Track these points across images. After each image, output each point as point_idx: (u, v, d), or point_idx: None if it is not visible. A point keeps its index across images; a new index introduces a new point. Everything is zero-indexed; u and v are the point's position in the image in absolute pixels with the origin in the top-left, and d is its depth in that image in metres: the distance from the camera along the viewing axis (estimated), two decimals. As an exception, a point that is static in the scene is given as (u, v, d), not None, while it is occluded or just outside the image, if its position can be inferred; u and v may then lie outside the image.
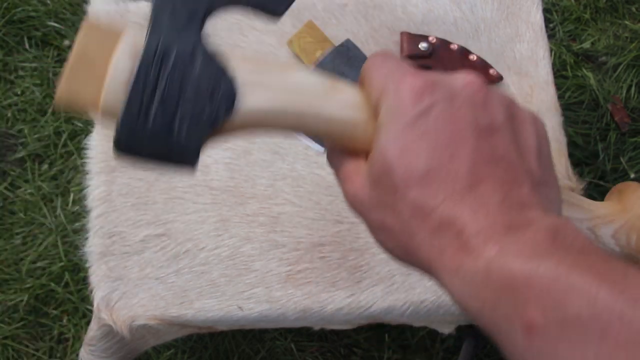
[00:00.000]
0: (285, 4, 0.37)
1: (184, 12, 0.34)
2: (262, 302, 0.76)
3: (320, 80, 0.36)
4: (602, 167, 1.20)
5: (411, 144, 0.32)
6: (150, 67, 0.32)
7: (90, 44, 0.33)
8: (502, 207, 0.30)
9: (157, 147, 0.33)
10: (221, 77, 0.34)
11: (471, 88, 0.34)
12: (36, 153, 1.29)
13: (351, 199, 0.36)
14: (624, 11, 1.33)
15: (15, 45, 1.37)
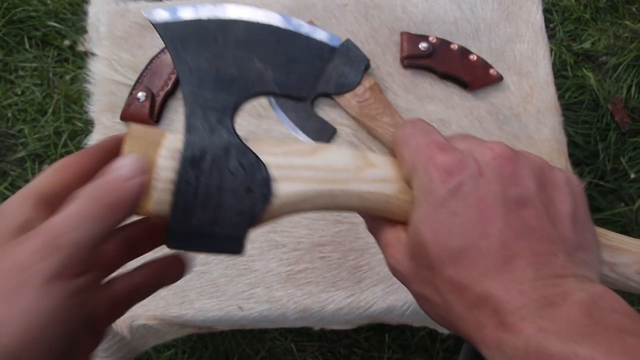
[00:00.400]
0: (307, 89, 0.38)
1: (214, 113, 0.36)
2: (262, 302, 0.76)
3: (352, 156, 0.37)
4: (602, 167, 1.20)
5: (443, 224, 0.32)
6: (189, 169, 0.35)
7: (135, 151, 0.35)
8: (536, 282, 0.30)
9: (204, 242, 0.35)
10: (256, 169, 0.35)
11: (499, 161, 0.34)
12: (36, 153, 1.29)
13: (393, 269, 0.37)
14: (624, 11, 1.33)
15: (16, 45, 1.37)
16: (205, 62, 0.36)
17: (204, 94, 0.36)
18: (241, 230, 0.35)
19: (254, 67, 0.37)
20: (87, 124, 1.27)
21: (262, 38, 0.37)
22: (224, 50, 0.36)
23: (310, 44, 0.38)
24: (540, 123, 0.80)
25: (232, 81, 0.36)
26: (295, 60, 0.37)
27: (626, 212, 1.17)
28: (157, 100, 0.82)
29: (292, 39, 0.38)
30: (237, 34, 0.37)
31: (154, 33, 0.86)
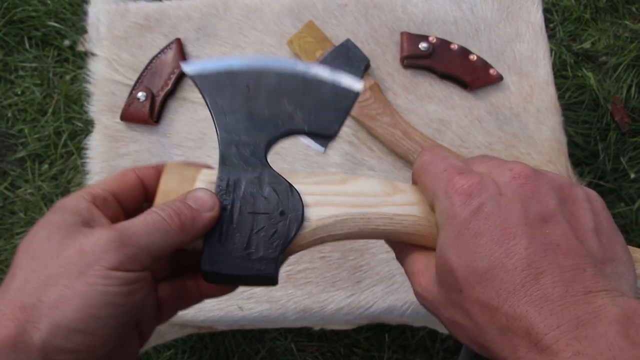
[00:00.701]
0: (334, 128, 0.40)
1: (248, 148, 0.39)
2: (262, 302, 0.76)
3: (380, 184, 0.39)
4: (602, 167, 1.20)
5: (467, 246, 0.33)
6: (224, 195, 0.38)
7: (171, 185, 0.38)
8: (566, 300, 0.30)
9: (238, 266, 0.37)
10: (289, 194, 0.38)
11: (518, 181, 0.34)
12: (36, 153, 1.29)
13: (421, 298, 0.37)
14: (624, 11, 1.33)
15: (16, 45, 1.37)
16: (238, 107, 0.39)
17: (238, 133, 0.39)
18: (275, 252, 0.37)
19: (284, 109, 0.40)
20: (87, 123, 1.27)
21: (290, 85, 0.40)
22: (256, 95, 0.40)
23: (335, 89, 0.40)
24: (540, 123, 0.80)
25: (264, 122, 0.39)
26: (323, 103, 0.40)
27: (626, 212, 1.17)
28: (157, 100, 0.82)
29: (319, 85, 0.40)
30: (267, 81, 0.40)
31: (153, 33, 0.86)
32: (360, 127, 0.81)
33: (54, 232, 0.33)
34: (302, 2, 0.86)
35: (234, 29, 0.85)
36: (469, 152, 0.79)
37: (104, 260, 0.32)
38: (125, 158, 0.82)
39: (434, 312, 0.36)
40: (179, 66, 0.83)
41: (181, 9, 0.86)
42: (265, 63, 0.40)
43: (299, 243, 0.38)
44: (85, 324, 0.31)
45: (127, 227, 0.34)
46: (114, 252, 0.32)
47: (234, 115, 0.39)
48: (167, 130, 0.82)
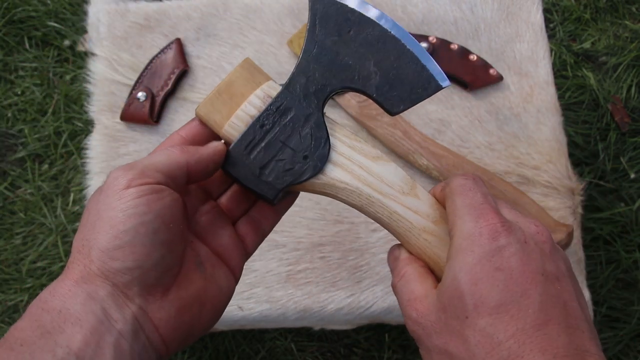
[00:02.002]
0: (399, 108, 0.41)
1: (315, 85, 0.41)
2: (262, 302, 0.76)
3: (403, 179, 0.40)
4: (602, 167, 1.20)
5: (486, 276, 0.35)
6: (270, 116, 0.41)
7: (237, 79, 0.42)
8: (568, 350, 0.32)
9: (248, 178, 0.40)
10: (322, 144, 0.40)
11: (541, 237, 0.37)
12: (36, 153, 1.29)
13: (414, 322, 0.38)
14: (624, 11, 1.33)
15: (16, 45, 1.37)
16: (330, 43, 0.41)
17: (316, 67, 0.41)
18: (282, 184, 0.40)
19: (367, 67, 0.41)
20: (87, 123, 1.27)
21: (386, 48, 0.41)
22: (351, 41, 0.41)
23: (422, 73, 0.41)
24: (540, 123, 0.80)
25: (342, 69, 0.41)
26: (402, 80, 0.41)
27: (626, 212, 1.17)
28: (157, 100, 0.82)
29: (410, 61, 0.41)
30: (368, 34, 0.41)
31: (153, 33, 0.86)
32: (361, 127, 0.81)
33: None
34: (302, 2, 0.86)
35: (234, 29, 0.86)
36: (469, 152, 0.79)
37: (117, 186, 0.37)
38: (125, 158, 0.82)
39: (424, 339, 0.37)
40: (179, 66, 0.83)
41: (181, 9, 0.87)
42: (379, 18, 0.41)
43: (305, 187, 0.41)
44: (119, 240, 0.36)
45: (140, 159, 0.39)
46: (122, 176, 0.37)
47: (322, 49, 0.41)
48: (167, 130, 0.83)
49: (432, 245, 0.39)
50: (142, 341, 0.36)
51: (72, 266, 0.36)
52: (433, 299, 0.37)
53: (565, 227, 0.72)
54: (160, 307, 0.37)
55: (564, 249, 0.73)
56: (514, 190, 0.75)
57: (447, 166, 0.76)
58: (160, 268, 0.37)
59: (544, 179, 0.78)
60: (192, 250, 0.41)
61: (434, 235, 0.39)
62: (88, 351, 0.33)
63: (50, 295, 0.35)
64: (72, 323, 0.34)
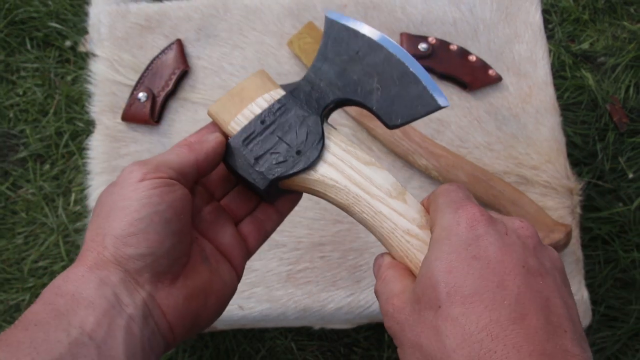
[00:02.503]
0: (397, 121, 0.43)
1: (318, 94, 0.44)
2: (262, 302, 0.76)
3: (392, 183, 0.41)
4: (600, 167, 1.21)
5: (461, 264, 0.33)
6: (272, 113, 0.44)
7: (250, 85, 0.45)
8: (545, 348, 0.30)
9: (243, 167, 0.43)
10: (315, 142, 0.42)
11: (525, 231, 0.36)
12: (38, 153, 1.29)
13: (390, 318, 0.37)
14: (623, 12, 1.33)
15: (17, 46, 1.37)
16: (339, 61, 0.44)
17: (322, 80, 0.44)
18: (273, 175, 0.42)
19: (370, 83, 0.43)
20: (88, 124, 1.27)
21: (390, 69, 0.43)
22: (358, 61, 0.44)
23: (423, 93, 0.42)
24: (539, 123, 0.80)
25: (347, 83, 0.44)
26: (403, 97, 0.43)
27: (624, 211, 1.18)
28: (158, 101, 0.83)
29: (412, 82, 0.43)
30: (375, 56, 0.44)
31: (154, 34, 0.86)
32: (360, 127, 0.81)
33: None
34: (302, 3, 0.86)
35: (234, 30, 0.86)
36: (468, 152, 0.79)
37: (132, 179, 0.39)
38: (126, 158, 0.82)
39: (398, 334, 0.36)
40: (180, 67, 0.83)
41: (182, 9, 0.87)
42: (385, 42, 0.44)
43: (296, 182, 0.43)
44: (133, 227, 0.37)
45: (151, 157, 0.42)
46: (137, 170, 0.39)
47: (330, 65, 0.44)
48: (168, 130, 0.83)
49: (415, 247, 0.39)
50: (151, 326, 0.37)
51: (85, 254, 0.38)
52: (409, 294, 0.36)
53: (564, 227, 0.72)
54: (169, 294, 0.39)
55: (562, 248, 0.73)
56: (512, 190, 0.75)
57: (446, 166, 0.76)
58: (170, 256, 0.39)
59: (542, 179, 0.78)
60: (198, 246, 0.43)
61: (418, 238, 0.39)
62: (100, 332, 0.34)
63: (64, 281, 0.36)
64: (85, 306, 0.35)
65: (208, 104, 0.83)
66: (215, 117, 0.45)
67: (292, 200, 0.48)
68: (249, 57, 0.85)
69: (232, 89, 0.45)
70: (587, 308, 0.76)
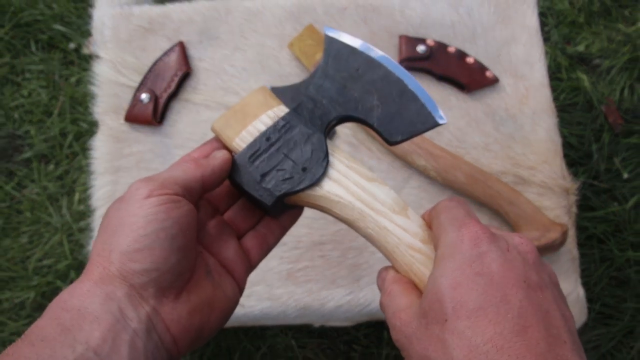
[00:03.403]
0: (397, 138, 0.44)
1: (321, 112, 0.45)
2: (263, 300, 0.76)
3: (395, 199, 0.42)
4: (596, 168, 1.20)
5: (466, 280, 0.35)
6: (275, 132, 0.44)
7: (252, 101, 0.46)
8: (547, 358, 0.32)
9: (249, 183, 0.43)
10: (320, 159, 0.43)
11: (525, 247, 0.37)
12: (42, 154, 1.28)
13: (397, 331, 0.38)
14: (618, 15, 1.32)
15: (22, 48, 1.37)
16: (340, 78, 0.45)
17: (323, 97, 0.45)
18: (279, 191, 0.43)
19: (370, 100, 0.44)
20: (92, 125, 1.26)
21: (389, 87, 0.44)
22: (358, 78, 0.45)
23: (421, 110, 0.44)
24: (536, 124, 0.80)
25: (348, 100, 0.44)
26: (402, 114, 0.44)
27: (619, 211, 1.17)
28: (161, 102, 0.82)
29: (411, 99, 0.44)
30: (374, 73, 0.44)
31: (157, 36, 0.86)
32: (360, 128, 0.81)
33: None
34: (303, 6, 0.86)
35: (236, 32, 0.86)
36: (465, 152, 0.79)
37: (139, 195, 0.39)
38: (129, 158, 0.82)
39: (406, 347, 0.37)
40: (182, 68, 0.83)
41: (184, 12, 0.86)
42: (384, 60, 0.45)
43: (302, 198, 0.43)
44: (139, 243, 0.37)
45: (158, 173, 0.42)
46: (143, 187, 0.39)
47: (332, 82, 0.45)
48: (170, 131, 0.83)
49: (419, 262, 0.40)
50: (155, 340, 0.38)
51: (91, 268, 0.38)
52: (415, 308, 0.37)
53: (560, 226, 0.72)
54: (173, 309, 0.39)
55: (558, 247, 0.73)
56: (509, 190, 0.75)
57: (444, 166, 0.76)
58: (175, 272, 0.39)
59: (539, 179, 0.77)
60: (202, 260, 0.43)
61: (421, 253, 0.40)
62: (105, 347, 0.35)
63: (70, 296, 0.37)
64: (90, 321, 0.35)
65: (210, 105, 0.83)
66: (220, 134, 0.45)
67: (294, 215, 0.48)
68: (250, 59, 0.84)
69: (234, 105, 0.46)
70: (582, 306, 0.76)
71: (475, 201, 0.77)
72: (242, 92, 0.83)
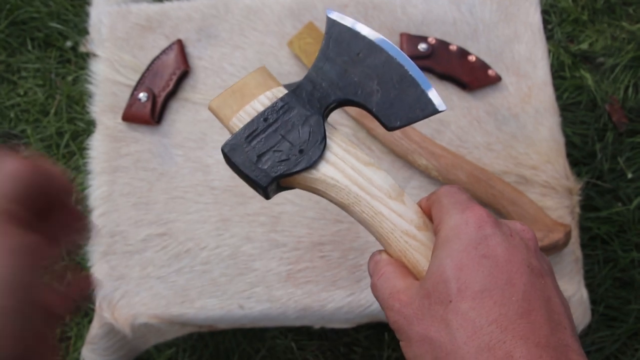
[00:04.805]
0: (397, 124, 0.43)
1: (320, 94, 0.45)
2: (262, 301, 0.76)
3: (391, 184, 0.42)
4: (599, 167, 1.21)
5: (471, 262, 0.35)
6: (273, 112, 0.44)
7: (251, 82, 0.45)
8: (550, 340, 0.33)
9: (245, 164, 0.43)
10: (318, 142, 0.43)
11: (527, 234, 0.38)
12: (39, 153, 1.28)
13: (396, 313, 0.38)
14: (621, 12, 1.33)
15: (18, 46, 1.37)
16: (340, 61, 0.45)
17: (323, 79, 0.45)
18: (275, 172, 0.42)
19: (370, 85, 0.44)
20: (89, 124, 1.27)
21: (390, 72, 0.44)
22: (359, 62, 0.45)
23: (421, 97, 0.44)
24: (539, 123, 0.80)
25: (348, 84, 0.44)
26: (402, 100, 0.44)
27: (623, 211, 1.18)
28: (159, 101, 0.82)
29: (411, 85, 0.44)
30: (375, 58, 0.44)
31: (155, 34, 0.86)
32: (360, 127, 0.81)
33: None
34: (303, 3, 0.86)
35: (235, 30, 0.86)
36: (467, 152, 0.79)
37: None
38: (126, 158, 0.82)
39: (405, 328, 0.37)
40: (180, 67, 0.83)
41: (182, 10, 0.87)
42: (386, 45, 0.45)
43: (297, 180, 0.43)
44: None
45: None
46: None
47: (332, 65, 0.45)
48: (169, 130, 0.83)
49: (413, 248, 0.40)
50: None
51: None
52: (416, 289, 0.37)
53: (563, 227, 0.72)
54: None
55: (562, 248, 0.73)
56: (512, 190, 0.75)
57: (446, 166, 0.76)
58: None
59: (542, 178, 0.78)
60: None
61: (416, 239, 0.40)
62: None
63: None
64: None
65: None
66: (216, 112, 0.46)
67: None
68: (250, 57, 0.84)
69: (233, 84, 0.46)
70: (586, 308, 0.76)
71: (477, 201, 0.76)
72: (241, 90, 0.83)
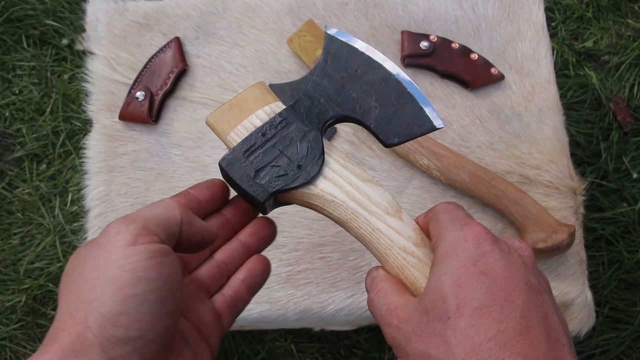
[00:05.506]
0: (394, 140, 0.44)
1: (318, 110, 0.45)
2: (262, 303, 0.76)
3: (389, 201, 0.43)
4: (604, 167, 1.21)
5: (470, 279, 0.35)
6: (272, 128, 0.44)
7: (249, 96, 0.46)
8: (548, 358, 0.33)
9: (243, 178, 0.43)
10: (316, 157, 0.43)
11: (525, 251, 0.39)
12: (34, 153, 1.28)
13: (394, 329, 0.38)
14: (627, 10, 1.33)
15: (13, 44, 1.37)
16: (338, 77, 0.46)
17: (321, 95, 0.45)
18: (273, 188, 0.43)
19: (368, 101, 0.45)
20: (86, 123, 1.27)
21: (387, 88, 0.45)
22: (357, 78, 0.45)
23: (419, 113, 0.44)
24: (542, 122, 0.80)
25: (346, 100, 0.45)
26: (400, 117, 0.44)
27: (628, 212, 1.18)
28: (156, 100, 0.82)
29: (409, 102, 0.44)
30: (373, 74, 0.45)
31: (152, 32, 0.86)
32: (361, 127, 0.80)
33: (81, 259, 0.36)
34: (302, 1, 0.86)
35: (234, 28, 0.85)
36: (470, 151, 0.79)
37: (120, 241, 0.34)
38: (123, 157, 0.82)
39: (403, 344, 0.37)
40: (178, 65, 0.83)
41: (180, 7, 0.86)
42: (384, 62, 0.45)
43: (295, 196, 0.44)
44: (125, 305, 0.32)
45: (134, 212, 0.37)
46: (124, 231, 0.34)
47: (330, 81, 0.45)
48: (166, 129, 0.82)
49: (410, 265, 0.41)
50: None
51: (59, 334, 0.32)
52: (414, 305, 0.37)
53: (567, 228, 0.72)
54: None
55: (565, 249, 0.73)
56: (515, 190, 0.75)
57: (448, 166, 0.76)
58: (161, 340, 0.34)
59: (545, 178, 0.77)
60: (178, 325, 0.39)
61: (414, 256, 0.41)
62: None
63: None
64: None
65: (207, 103, 0.83)
66: (214, 127, 0.45)
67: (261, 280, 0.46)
68: (249, 55, 0.84)
69: (230, 99, 0.46)
70: (590, 310, 0.77)
71: (480, 201, 0.78)
72: (240, 89, 0.83)
